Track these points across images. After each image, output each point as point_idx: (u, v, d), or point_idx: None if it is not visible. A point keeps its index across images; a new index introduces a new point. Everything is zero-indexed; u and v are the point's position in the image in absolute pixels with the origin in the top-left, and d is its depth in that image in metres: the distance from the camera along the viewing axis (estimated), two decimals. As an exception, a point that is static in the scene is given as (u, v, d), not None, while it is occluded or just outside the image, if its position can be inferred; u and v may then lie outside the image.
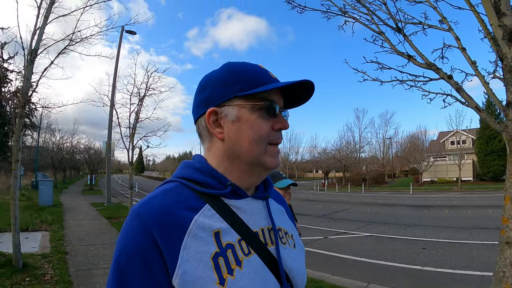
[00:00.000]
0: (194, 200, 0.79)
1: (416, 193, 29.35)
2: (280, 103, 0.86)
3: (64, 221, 10.94)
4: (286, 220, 0.98)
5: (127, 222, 0.76)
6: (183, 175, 0.85)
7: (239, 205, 0.83)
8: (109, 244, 7.77)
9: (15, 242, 5.38)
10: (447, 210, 15.49)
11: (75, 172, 54.28)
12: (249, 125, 0.81)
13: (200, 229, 0.75)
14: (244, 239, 0.79)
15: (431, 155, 38.72)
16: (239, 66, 0.86)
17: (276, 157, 0.85)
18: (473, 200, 19.52)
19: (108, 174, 17.67)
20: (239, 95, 0.82)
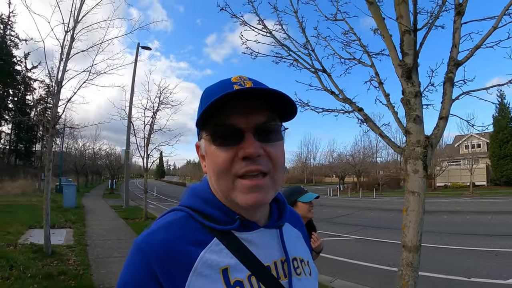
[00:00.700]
0: (201, 234, 0.75)
1: (427, 198, 28.85)
2: (251, 120, 0.73)
3: (85, 220, 12.45)
4: (302, 246, 0.93)
5: (130, 255, 0.74)
6: (190, 205, 0.81)
7: (250, 238, 0.78)
8: (123, 239, 9.12)
9: (46, 234, 6.74)
10: (445, 216, 16.03)
11: (97, 176, 56.67)
12: (210, 158, 0.76)
13: (206, 266, 0.71)
14: (254, 274, 0.74)
15: (445, 159, 38.86)
16: (205, 91, 0.81)
17: (250, 194, 0.73)
18: (478, 206, 19.86)
19: (126, 179, 19.27)
20: (201, 127, 0.78)
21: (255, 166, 0.72)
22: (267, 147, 0.74)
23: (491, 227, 11.78)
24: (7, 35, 47.12)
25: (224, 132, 0.73)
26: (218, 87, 0.76)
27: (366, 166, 43.21)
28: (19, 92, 52.25)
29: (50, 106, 54.44)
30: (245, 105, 0.72)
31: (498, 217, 14.38)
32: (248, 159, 0.72)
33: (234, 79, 0.76)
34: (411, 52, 3.23)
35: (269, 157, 0.74)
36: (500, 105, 36.27)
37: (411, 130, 3.18)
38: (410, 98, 3.21)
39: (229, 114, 0.72)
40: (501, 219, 13.58)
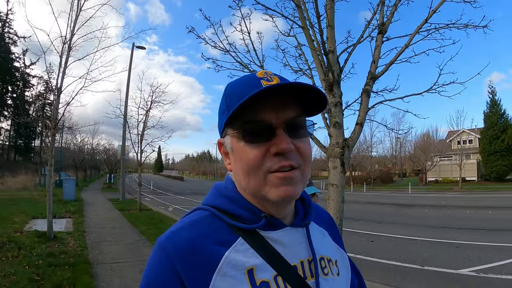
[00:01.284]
0: (226, 233, 0.75)
1: (415, 192, 30.69)
2: (281, 116, 0.73)
3: (84, 211, 13.51)
4: (330, 245, 0.91)
5: (153, 255, 0.74)
6: (215, 203, 0.80)
7: (276, 237, 0.77)
8: (117, 227, 10.17)
9: (49, 220, 7.76)
10: (427, 210, 16.91)
11: (96, 171, 57.74)
12: (239, 156, 0.75)
13: (231, 266, 0.70)
14: (280, 275, 0.73)
15: (436, 154, 39.87)
16: (229, 88, 0.80)
17: (282, 186, 0.72)
18: (463, 201, 20.69)
19: (122, 174, 20.33)
20: (227, 123, 0.76)
21: (288, 162, 0.72)
22: (296, 143, 0.73)
23: (467, 221, 12.55)
24: (5, 32, 47.97)
25: (255, 129, 0.72)
26: (245, 83, 0.76)
27: (360, 160, 44.11)
28: (18, 88, 53.16)
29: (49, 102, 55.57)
30: (274, 101, 0.72)
31: (478, 211, 15.16)
32: (281, 155, 0.71)
33: (260, 74, 0.76)
34: (335, 68, 3.85)
35: (299, 152, 0.74)
36: (491, 101, 37.23)
37: (332, 133, 4.03)
38: (331, 107, 3.95)
39: (259, 110, 0.72)
40: (479, 214, 14.33)
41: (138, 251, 7.35)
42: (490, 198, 21.40)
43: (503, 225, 11.17)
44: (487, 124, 36.35)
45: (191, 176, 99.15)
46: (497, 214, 14.24)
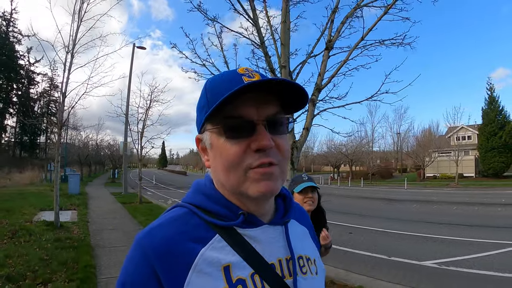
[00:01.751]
0: (203, 230, 0.75)
1: (411, 188, 31.37)
2: (262, 113, 0.73)
3: (88, 204, 14.59)
4: (309, 244, 0.92)
5: (130, 252, 0.75)
6: (193, 201, 0.81)
7: (254, 235, 0.77)
8: (118, 217, 11.20)
9: (56, 211, 8.76)
10: (415, 205, 17.53)
11: (100, 166, 58.98)
12: (219, 151, 0.75)
13: (207, 263, 0.71)
14: (257, 272, 0.73)
15: (435, 150, 40.51)
16: (210, 83, 0.79)
17: (263, 181, 0.72)
18: (454, 197, 21.25)
19: (124, 169, 21.36)
20: (207, 119, 0.76)
21: (267, 158, 0.72)
22: (276, 139, 0.74)
23: (450, 216, 13.13)
24: (9, 31, 49.17)
25: (236, 124, 0.72)
26: (226, 79, 0.75)
27: (359, 155, 44.89)
28: (23, 86, 54.47)
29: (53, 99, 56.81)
30: (256, 97, 0.72)
31: (465, 207, 15.74)
32: (261, 151, 0.72)
33: (241, 71, 0.76)
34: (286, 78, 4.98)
35: (278, 149, 0.74)
36: (489, 98, 37.72)
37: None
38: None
39: (239, 106, 0.72)
40: (466, 210, 14.92)
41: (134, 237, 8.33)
42: (483, 195, 21.89)
43: (484, 221, 11.67)
44: (485, 120, 36.89)
45: (195, 170, 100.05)
46: (483, 210, 14.77)
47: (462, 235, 9.47)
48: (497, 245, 8.06)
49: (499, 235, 9.10)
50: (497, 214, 13.62)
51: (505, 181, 33.03)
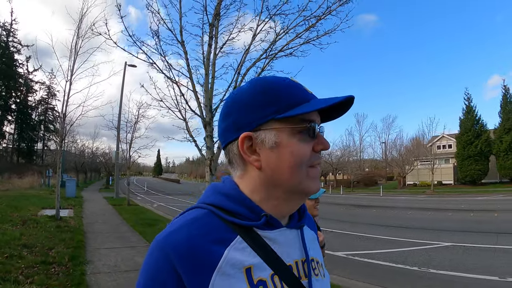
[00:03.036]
0: (224, 232, 0.77)
1: (387, 195, 33.79)
2: (318, 120, 0.84)
3: (82, 205, 17.22)
4: (318, 249, 0.98)
5: (150, 254, 0.75)
6: (212, 201, 0.82)
7: (273, 237, 0.80)
8: (106, 215, 13.81)
9: (57, 207, 11.30)
10: (374, 210, 19.36)
11: (96, 174, 61.52)
12: (289, 150, 0.78)
13: (230, 265, 0.73)
14: (277, 274, 0.76)
15: (416, 159, 43.01)
16: (271, 83, 0.82)
17: (317, 179, 0.83)
18: (421, 203, 23.20)
19: (116, 176, 24.00)
20: (276, 117, 0.78)
21: (320, 158, 0.85)
22: None
23: (399, 220, 14.79)
24: (9, 41, 51.99)
25: (312, 128, 0.79)
26: (293, 86, 0.82)
27: (343, 164, 47.40)
28: (21, 93, 57.13)
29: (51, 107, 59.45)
30: None
31: (420, 212, 17.39)
32: (320, 152, 0.83)
33: (295, 81, 0.84)
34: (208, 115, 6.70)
35: None
36: (467, 108, 40.35)
37: (205, 152, 7.33)
38: (206, 137, 7.24)
39: (311, 113, 0.80)
40: (418, 215, 16.51)
41: (117, 228, 10.90)
42: (450, 201, 23.73)
43: (424, 224, 13.12)
44: (462, 129, 39.46)
45: (189, 179, 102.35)
46: (434, 215, 16.26)
47: (391, 234, 10.87)
48: (412, 244, 9.42)
49: (424, 236, 10.52)
50: (445, 218, 15.16)
51: (481, 188, 35.48)
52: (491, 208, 17.69)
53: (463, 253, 8.37)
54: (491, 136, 39.11)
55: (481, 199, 24.77)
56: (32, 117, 60.18)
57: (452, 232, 11.10)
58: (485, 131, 39.20)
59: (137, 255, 7.39)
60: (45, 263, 6.15)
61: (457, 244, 9.19)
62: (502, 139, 37.12)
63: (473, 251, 8.51)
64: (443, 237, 10.32)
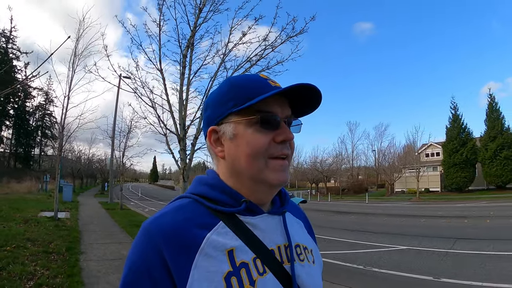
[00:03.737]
0: (208, 217, 0.82)
1: (372, 202, 35.04)
2: (284, 112, 0.87)
3: (79, 208, 18.77)
4: (305, 235, 1.02)
5: (137, 238, 0.80)
6: (196, 191, 0.89)
7: (254, 222, 0.85)
8: (100, 217, 15.33)
9: (55, 209, 12.79)
10: (352, 216, 20.16)
11: (92, 180, 62.89)
12: (245, 140, 0.84)
13: (212, 247, 0.77)
14: (259, 257, 0.81)
15: (405, 166, 44.45)
16: (234, 81, 0.89)
17: (281, 171, 0.85)
18: (402, 210, 24.18)
19: (110, 182, 25.50)
20: (232, 111, 0.85)
21: (287, 150, 0.86)
22: None
23: (372, 226, 15.44)
24: (8, 48, 53.57)
25: (268, 118, 0.83)
26: (253, 80, 0.88)
27: (333, 172, 48.90)
28: (19, 99, 58.64)
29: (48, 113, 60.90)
30: (279, 99, 0.86)
31: (392, 219, 18.09)
32: (283, 143, 0.85)
33: (263, 76, 0.89)
34: (181, 132, 8.20)
35: (290, 145, 0.88)
36: (453, 116, 41.72)
37: (179, 163, 8.83)
38: (180, 150, 8.67)
39: (269, 104, 0.84)
40: (392, 221, 17.16)
41: (108, 228, 12.41)
42: (430, 208, 24.52)
43: (393, 230, 13.82)
44: (448, 138, 40.89)
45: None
46: (407, 221, 17.03)
47: (355, 238, 11.58)
48: (370, 246, 10.15)
49: (385, 240, 11.22)
50: (415, 224, 15.79)
51: (466, 195, 36.73)
52: (466, 214, 18.49)
53: (415, 255, 8.97)
54: (477, 144, 40.31)
55: (461, 205, 25.69)
56: (30, 122, 61.71)
57: (415, 237, 11.76)
58: (471, 139, 40.48)
59: (123, 249, 8.88)
60: (46, 252, 7.63)
61: (412, 248, 9.86)
62: (487, 147, 38.29)
63: (425, 254, 9.13)
64: (403, 241, 11.00)
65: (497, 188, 38.16)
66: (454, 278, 6.66)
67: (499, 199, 29.26)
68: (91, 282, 5.85)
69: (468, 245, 9.80)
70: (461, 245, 9.98)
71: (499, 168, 37.30)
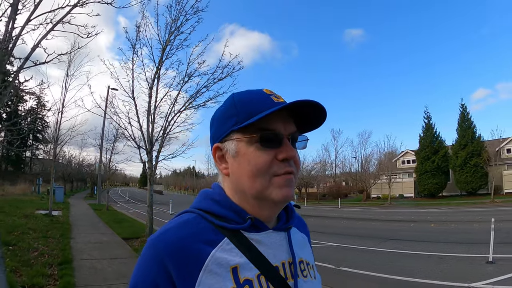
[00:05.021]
0: (212, 233, 0.82)
1: (345, 207, 37.37)
2: (287, 129, 0.86)
3: (69, 208, 21.56)
4: (308, 250, 1.02)
5: (143, 253, 0.82)
6: (201, 206, 0.89)
7: (259, 238, 0.85)
8: (88, 216, 18.20)
9: (50, 207, 15.54)
10: (313, 219, 21.68)
11: (82, 183, 65.29)
12: (247, 159, 0.84)
13: (216, 264, 0.78)
14: (263, 274, 0.81)
15: (383, 173, 47.04)
16: (237, 97, 0.89)
17: (285, 187, 0.84)
18: (367, 214, 26.00)
19: (98, 185, 28.25)
20: (234, 129, 0.85)
21: (291, 168, 0.85)
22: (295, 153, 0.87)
23: (326, 227, 16.57)
24: (3, 54, 55.73)
25: (270, 136, 0.83)
26: (256, 96, 0.88)
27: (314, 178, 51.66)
28: (12, 103, 60.80)
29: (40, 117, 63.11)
30: (282, 115, 0.85)
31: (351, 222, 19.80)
32: (286, 161, 0.84)
33: (267, 91, 0.89)
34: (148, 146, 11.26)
35: (295, 162, 0.86)
36: (426, 125, 44.24)
37: (147, 170, 11.72)
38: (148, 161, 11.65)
39: (271, 121, 0.83)
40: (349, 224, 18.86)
41: (95, 223, 15.24)
42: (394, 213, 26.41)
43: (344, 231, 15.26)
44: (421, 146, 43.68)
45: (174, 190, 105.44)
46: (361, 224, 18.71)
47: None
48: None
49: (324, 238, 12.29)
50: (363, 226, 17.41)
51: (438, 201, 39.03)
52: (422, 219, 19.80)
53: (340, 251, 10.16)
54: (449, 152, 42.71)
55: (425, 211, 27.38)
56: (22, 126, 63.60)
57: (352, 237, 13.04)
58: (444, 147, 43.07)
59: (103, 236, 11.65)
60: (45, 237, 10.38)
61: (340, 245, 11.20)
62: (458, 155, 40.57)
63: (351, 250, 10.39)
64: (338, 239, 12.18)
65: (468, 194, 40.28)
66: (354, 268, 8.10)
67: (466, 205, 31.13)
68: (77, 254, 8.61)
69: (393, 245, 11.21)
70: (386, 244, 11.34)
71: (469, 175, 39.54)
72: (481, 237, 10.52)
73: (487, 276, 6.97)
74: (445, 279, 6.90)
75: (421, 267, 8.02)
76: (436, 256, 9.11)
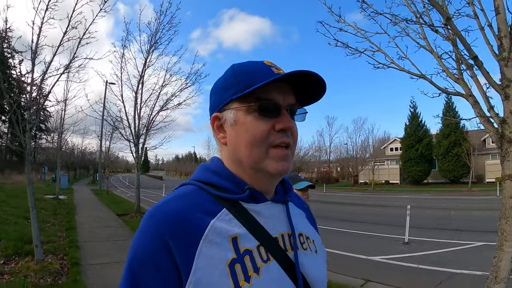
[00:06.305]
0: (211, 204, 0.83)
1: (329, 191, 39.90)
2: (286, 100, 0.87)
3: (73, 193, 24.54)
4: (307, 225, 1.03)
5: (141, 224, 0.81)
6: (201, 178, 0.90)
7: (258, 209, 0.86)
8: (90, 199, 21.20)
9: (57, 192, 18.50)
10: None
11: (84, 170, 68.45)
12: (244, 127, 0.85)
13: (216, 234, 0.78)
14: (263, 245, 0.81)
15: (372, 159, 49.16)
16: (238, 68, 0.90)
17: (281, 160, 0.85)
18: (348, 199, 28.11)
19: (99, 172, 31.17)
20: (233, 98, 0.86)
21: (287, 139, 0.85)
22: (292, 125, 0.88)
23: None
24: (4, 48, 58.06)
25: (267, 105, 0.83)
26: (256, 66, 0.88)
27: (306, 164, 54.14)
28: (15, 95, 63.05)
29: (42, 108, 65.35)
30: (281, 86, 0.86)
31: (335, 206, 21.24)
32: (284, 131, 0.85)
33: (268, 63, 0.89)
34: (135, 140, 14.57)
35: (292, 133, 0.87)
36: (412, 114, 46.16)
37: (135, 160, 14.52)
38: (136, 152, 14.54)
39: (270, 91, 0.84)
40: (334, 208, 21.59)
41: (96, 205, 18.16)
42: (372, 198, 28.38)
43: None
44: (405, 134, 45.91)
45: (175, 176, 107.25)
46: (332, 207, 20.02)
47: None
48: None
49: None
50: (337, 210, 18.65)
51: (420, 188, 41.04)
52: (398, 204, 20.54)
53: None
54: (433, 140, 44.86)
55: (404, 197, 28.64)
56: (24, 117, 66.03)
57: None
58: (429, 136, 45.16)
59: (101, 213, 14.54)
60: (54, 214, 13.25)
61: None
62: (441, 144, 42.72)
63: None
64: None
65: (451, 182, 42.28)
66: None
67: (444, 193, 32.54)
68: (80, 224, 11.46)
69: (340, 225, 12.75)
70: (336, 224, 12.87)
71: (451, 164, 41.69)
72: (418, 222, 12.26)
73: (396, 252, 8.47)
74: (364, 253, 8.42)
75: (349, 243, 9.56)
76: (366, 235, 11.05)
